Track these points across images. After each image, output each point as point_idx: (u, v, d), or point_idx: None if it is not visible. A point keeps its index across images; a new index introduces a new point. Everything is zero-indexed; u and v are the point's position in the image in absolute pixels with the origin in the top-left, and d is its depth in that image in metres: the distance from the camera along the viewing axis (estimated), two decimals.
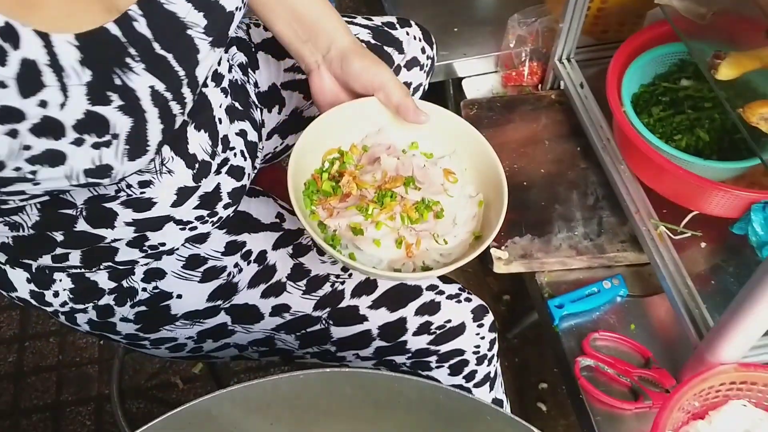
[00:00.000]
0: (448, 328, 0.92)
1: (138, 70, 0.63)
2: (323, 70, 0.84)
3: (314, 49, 0.84)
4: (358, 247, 0.77)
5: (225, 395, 0.61)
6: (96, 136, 0.62)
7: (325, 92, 0.84)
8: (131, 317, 0.90)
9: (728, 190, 0.97)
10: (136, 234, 0.81)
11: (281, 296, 0.91)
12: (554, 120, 1.30)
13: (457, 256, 0.79)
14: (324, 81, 0.84)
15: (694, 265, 1.04)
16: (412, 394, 0.62)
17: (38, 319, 1.67)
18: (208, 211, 0.85)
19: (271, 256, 0.92)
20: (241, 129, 0.88)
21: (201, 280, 0.90)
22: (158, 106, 0.65)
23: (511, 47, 1.35)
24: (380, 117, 0.85)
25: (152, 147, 0.67)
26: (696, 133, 1.08)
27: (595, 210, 1.16)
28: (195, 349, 0.95)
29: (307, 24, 0.84)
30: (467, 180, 0.86)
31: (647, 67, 1.15)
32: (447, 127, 0.85)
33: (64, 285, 0.86)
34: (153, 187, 0.77)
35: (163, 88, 0.66)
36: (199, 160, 0.80)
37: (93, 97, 0.61)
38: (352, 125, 0.85)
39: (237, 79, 0.92)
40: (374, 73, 0.80)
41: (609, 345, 1.06)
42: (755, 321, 0.84)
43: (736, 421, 0.92)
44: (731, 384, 0.92)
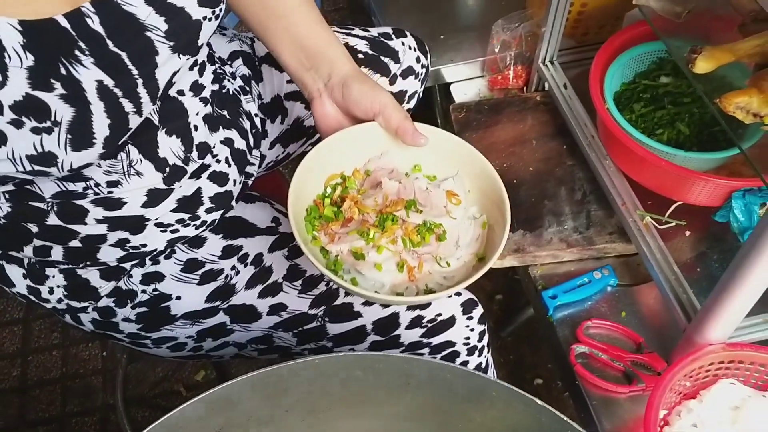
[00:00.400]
0: (439, 321, 0.96)
1: (86, 63, 0.65)
2: (325, 97, 0.85)
3: (316, 76, 0.85)
4: (359, 272, 0.78)
5: (245, 381, 0.64)
6: (35, 120, 0.63)
7: (327, 119, 0.85)
8: (132, 318, 0.93)
9: (710, 179, 1.02)
10: (110, 231, 0.83)
11: (278, 296, 0.94)
12: (540, 120, 1.34)
13: (460, 278, 0.79)
14: (326, 108, 0.85)
15: (680, 252, 1.08)
16: (422, 374, 0.66)
17: (40, 333, 1.70)
18: (188, 214, 0.87)
19: (268, 259, 0.95)
20: (226, 137, 0.91)
21: (199, 282, 0.93)
22: (104, 100, 0.66)
23: (496, 52, 1.40)
24: (382, 141, 0.85)
25: (98, 140, 0.68)
26: (676, 127, 1.13)
27: (583, 204, 1.21)
28: (195, 348, 0.98)
29: (311, 52, 0.85)
30: (471, 201, 0.86)
31: (627, 66, 1.20)
32: (449, 149, 0.86)
33: (57, 281, 0.88)
34: (121, 188, 0.79)
35: (112, 84, 0.67)
36: (170, 164, 0.82)
37: (34, 82, 0.62)
38: (355, 150, 0.86)
39: (229, 89, 0.95)
40: (373, 97, 0.82)
41: (602, 332, 1.10)
42: (739, 302, 0.88)
43: (725, 399, 0.96)
44: (720, 363, 0.96)
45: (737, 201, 1.03)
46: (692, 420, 0.94)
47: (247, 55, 1.06)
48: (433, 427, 0.75)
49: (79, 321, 0.94)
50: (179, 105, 0.83)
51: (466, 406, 0.68)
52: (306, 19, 0.86)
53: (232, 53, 1.04)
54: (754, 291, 0.85)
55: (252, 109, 1.01)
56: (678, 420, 0.95)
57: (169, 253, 0.92)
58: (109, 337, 0.97)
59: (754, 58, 0.88)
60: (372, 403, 0.73)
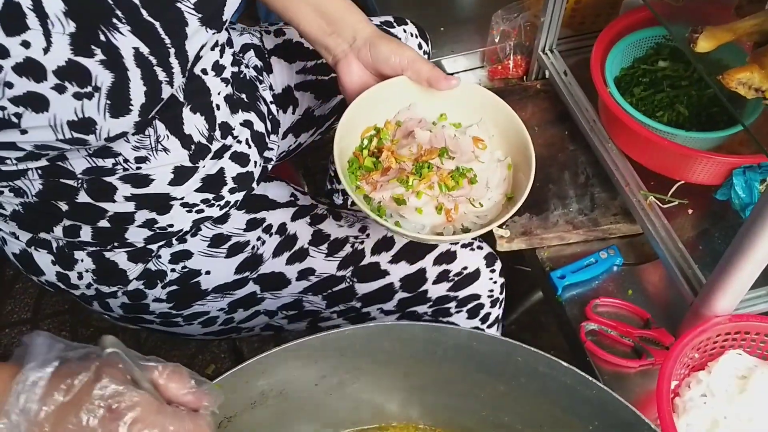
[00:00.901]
0: (465, 274, 0.99)
1: (123, 30, 0.67)
2: (351, 58, 0.90)
3: (340, 40, 0.90)
4: (402, 216, 0.84)
5: (279, 352, 0.66)
6: (77, 85, 0.66)
7: (353, 78, 0.90)
8: (163, 297, 0.95)
9: (711, 157, 1.05)
10: (137, 210, 0.85)
11: (305, 261, 0.97)
12: (541, 108, 1.37)
13: (493, 217, 0.87)
14: (352, 68, 0.90)
15: (684, 230, 1.11)
16: (449, 342, 0.68)
17: None
18: (213, 194, 0.90)
19: (291, 227, 0.98)
20: (245, 119, 0.94)
21: (227, 255, 0.95)
22: (141, 67, 0.69)
23: (495, 42, 1.43)
24: (410, 94, 0.92)
25: (135, 108, 0.70)
26: (676, 109, 1.16)
27: (586, 187, 1.24)
28: (226, 321, 1.00)
29: (332, 18, 0.90)
30: (495, 145, 0.93)
31: (626, 52, 1.23)
32: (472, 97, 0.93)
33: (86, 265, 0.90)
34: (149, 164, 0.81)
35: (148, 51, 0.70)
36: (195, 142, 0.85)
37: (76, 48, 0.65)
38: (385, 103, 0.92)
39: (246, 74, 0.98)
40: (401, 53, 0.87)
41: (610, 310, 1.12)
42: (743, 275, 0.91)
43: (733, 369, 0.98)
44: (726, 335, 0.99)
45: (738, 178, 1.06)
46: (701, 390, 0.97)
47: (258, 48, 1.08)
48: (458, 398, 0.78)
49: (107, 307, 0.95)
50: (202, 83, 0.85)
51: (491, 374, 0.71)
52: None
53: (244, 45, 1.07)
54: (757, 264, 0.88)
55: (267, 97, 1.03)
56: (688, 391, 0.98)
57: (195, 231, 0.94)
58: (137, 321, 0.99)
59: (752, 37, 0.91)
60: (398, 375, 0.75)
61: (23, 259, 0.91)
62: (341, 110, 1.19)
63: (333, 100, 1.15)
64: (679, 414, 0.95)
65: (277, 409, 0.72)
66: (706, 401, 0.96)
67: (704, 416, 0.94)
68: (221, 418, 0.69)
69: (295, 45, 1.12)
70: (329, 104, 1.15)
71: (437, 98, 0.91)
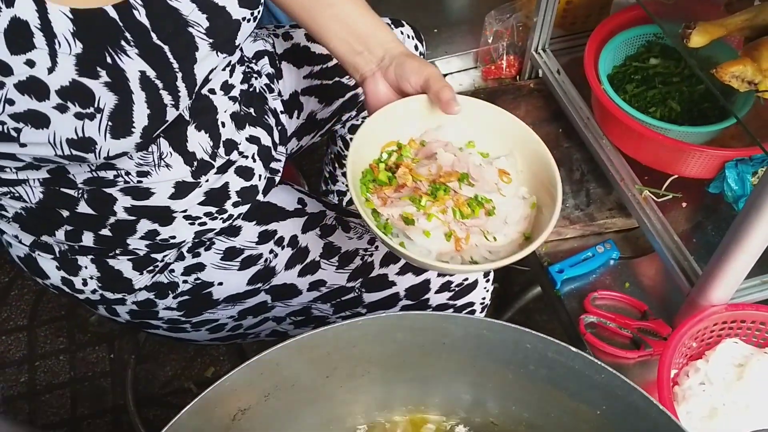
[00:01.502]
0: (465, 285, 1.01)
1: (131, 53, 0.68)
2: (378, 76, 0.87)
3: (370, 57, 0.87)
4: (408, 237, 0.79)
5: (293, 344, 0.67)
6: (79, 106, 0.66)
7: (379, 97, 0.87)
8: (174, 306, 0.96)
9: (705, 150, 1.07)
10: (138, 221, 0.85)
11: (317, 273, 0.98)
12: (535, 106, 1.39)
13: (505, 254, 0.80)
14: (378, 86, 0.87)
15: (678, 223, 1.14)
16: (458, 331, 0.69)
17: (46, 339, 1.70)
18: (216, 208, 0.91)
19: (302, 239, 0.99)
20: (252, 135, 0.95)
21: (240, 268, 0.96)
22: (146, 90, 0.69)
23: (489, 43, 1.45)
24: (437, 114, 0.86)
25: (137, 130, 0.70)
26: (668, 105, 1.18)
27: (582, 183, 1.26)
28: (234, 327, 1.01)
29: (362, 36, 0.88)
30: (522, 181, 0.87)
31: (618, 50, 1.26)
32: (505, 128, 0.87)
33: (90, 272, 0.91)
34: (150, 178, 0.82)
35: (154, 75, 0.70)
36: (198, 159, 0.85)
37: (81, 69, 0.65)
38: (410, 120, 0.88)
39: (256, 88, 0.99)
40: (421, 71, 0.84)
41: (608, 303, 1.14)
42: (739, 265, 0.93)
43: (730, 357, 1.01)
44: (723, 324, 1.01)
45: (730, 171, 1.09)
46: (700, 379, 0.99)
47: (271, 54, 1.09)
48: (465, 387, 0.79)
49: (114, 312, 0.96)
50: (209, 102, 0.86)
51: (500, 361, 0.72)
52: (355, 5, 0.89)
53: (257, 53, 1.08)
54: (752, 254, 0.90)
55: (278, 107, 1.04)
56: (686, 380, 1.00)
57: (209, 245, 0.95)
58: (143, 326, 1.00)
59: (743, 32, 0.93)
60: (407, 366, 0.76)
61: (28, 263, 0.92)
62: (342, 113, 1.21)
63: (335, 104, 1.17)
64: (678, 402, 0.97)
65: (289, 401, 0.73)
66: (705, 389, 0.98)
67: (703, 404, 0.96)
68: (235, 411, 0.70)
69: (302, 49, 1.13)
70: (331, 107, 1.17)
71: (467, 123, 0.86)
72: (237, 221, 0.97)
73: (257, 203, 0.98)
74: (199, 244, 0.96)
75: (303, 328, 1.06)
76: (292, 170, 1.23)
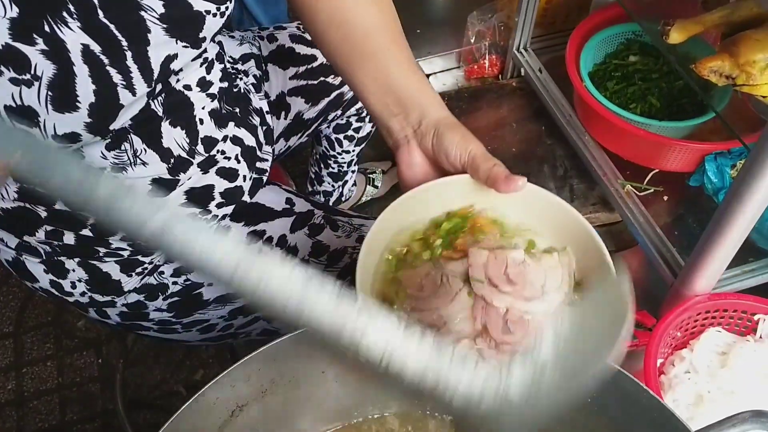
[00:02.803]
0: None
1: (73, 26, 0.65)
2: (413, 145, 0.74)
3: (405, 122, 0.75)
4: None
5: (289, 339, 0.68)
6: (14, 71, 0.64)
7: (414, 168, 0.75)
8: (164, 307, 0.96)
9: (685, 144, 1.10)
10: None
11: None
12: (517, 105, 1.42)
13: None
14: (413, 157, 0.74)
15: (660, 216, 1.16)
16: None
17: (33, 345, 1.69)
18: (200, 208, 0.90)
19: (291, 239, 0.99)
20: (235, 135, 0.94)
21: None
22: (89, 65, 0.66)
23: (471, 43, 1.47)
24: (474, 197, 0.71)
25: (83, 105, 0.67)
26: (648, 101, 1.21)
27: (565, 179, 1.28)
28: (225, 327, 1.01)
29: (401, 97, 0.75)
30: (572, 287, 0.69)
31: (598, 48, 1.28)
32: (557, 216, 0.70)
33: (78, 275, 0.90)
34: (125, 174, 0.80)
35: (99, 50, 0.67)
36: (174, 156, 0.83)
37: (15, 33, 0.63)
38: (441, 204, 0.72)
39: (240, 88, 0.99)
40: (464, 147, 0.70)
41: None
42: (720, 255, 0.96)
43: (713, 346, 1.03)
44: (706, 313, 1.04)
45: (710, 164, 1.11)
46: (685, 367, 1.02)
47: (257, 57, 1.10)
48: None
49: (104, 315, 0.96)
50: (185, 98, 0.85)
51: None
52: (397, 60, 0.76)
53: (244, 56, 1.08)
54: (733, 244, 0.93)
55: (264, 107, 1.05)
56: (672, 369, 1.02)
57: None
58: (133, 329, 1.00)
59: (720, 28, 0.96)
60: None
61: (16, 266, 0.92)
62: (327, 112, 1.22)
63: (321, 103, 1.17)
64: (665, 391, 0.99)
65: (286, 396, 0.74)
66: (690, 377, 1.00)
67: (689, 392, 0.99)
68: (233, 407, 0.71)
69: (287, 50, 1.13)
70: (317, 107, 1.17)
71: (515, 211, 0.70)
72: (225, 222, 0.97)
73: (243, 204, 0.98)
74: None
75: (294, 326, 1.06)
76: (280, 171, 1.24)
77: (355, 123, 1.36)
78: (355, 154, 1.47)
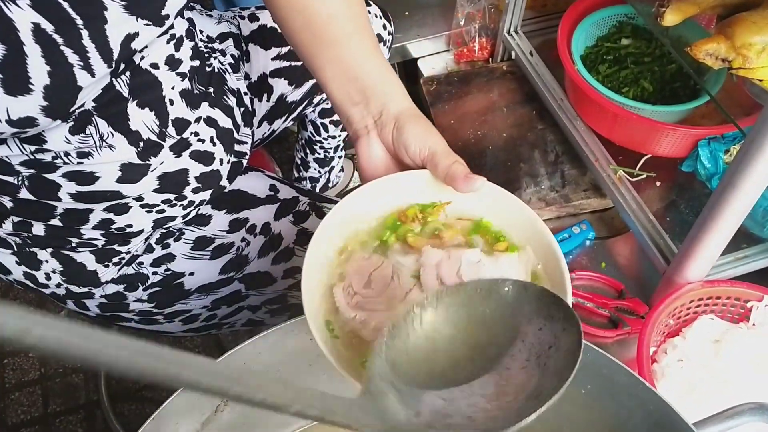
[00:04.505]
0: None
1: (21, 3, 0.62)
2: (372, 136, 0.72)
3: (365, 112, 0.73)
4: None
5: (275, 333, 0.66)
6: None
7: (373, 161, 0.73)
8: (145, 298, 0.94)
9: (678, 129, 1.08)
10: (88, 207, 0.81)
11: (291, 260, 0.96)
12: (508, 88, 1.39)
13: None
14: (372, 148, 0.72)
15: (653, 202, 1.14)
16: None
17: None
18: (174, 194, 0.87)
19: (275, 226, 0.97)
20: (209, 116, 0.90)
21: (211, 257, 0.94)
22: (41, 44, 0.63)
23: (461, 25, 1.44)
24: (432, 193, 0.70)
25: (36, 88, 0.64)
26: (641, 85, 1.19)
27: (556, 165, 1.26)
28: (209, 318, 0.99)
29: (363, 85, 0.73)
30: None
31: (590, 31, 1.26)
32: (518, 221, 0.68)
33: (52, 266, 0.88)
34: (92, 159, 0.77)
35: (52, 29, 0.64)
36: (144, 138, 0.80)
37: None
38: (398, 201, 0.70)
39: (214, 68, 0.96)
40: (423, 141, 0.69)
41: (585, 283, 1.15)
42: (714, 242, 0.94)
43: (706, 334, 1.02)
44: (699, 300, 1.02)
45: (703, 149, 1.10)
46: (677, 356, 1.00)
47: (236, 36, 1.07)
48: None
49: (83, 306, 0.93)
50: (152, 78, 0.81)
51: None
52: (360, 48, 0.74)
53: (221, 35, 1.05)
54: (727, 231, 0.91)
55: (242, 88, 1.02)
56: (664, 357, 1.01)
57: (179, 235, 0.93)
58: (114, 320, 0.97)
59: (716, 10, 0.94)
60: None
61: None
62: (312, 95, 1.19)
63: (305, 85, 1.15)
64: (657, 379, 0.98)
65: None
66: (683, 366, 0.99)
67: (682, 380, 0.97)
68: (218, 401, 0.69)
69: (269, 30, 1.11)
70: (301, 89, 1.15)
71: (475, 210, 0.69)
72: (206, 210, 0.95)
73: (222, 189, 0.95)
74: (168, 234, 0.93)
75: (279, 317, 1.04)
76: (265, 156, 1.21)
77: None
78: (341, 139, 1.45)
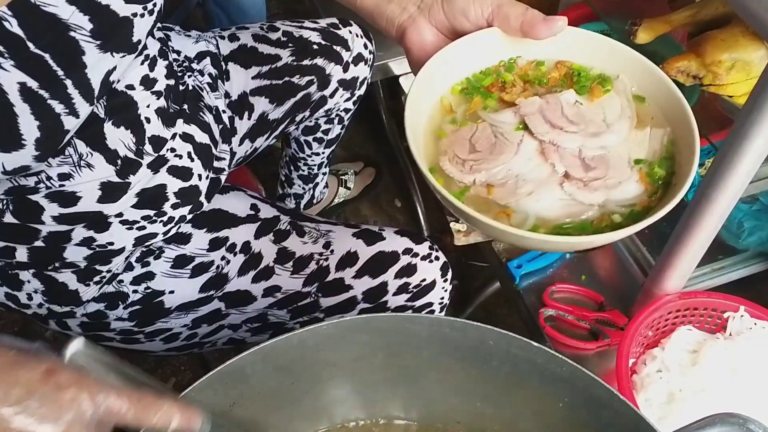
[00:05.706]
0: (423, 285, 1.01)
1: (6, 66, 0.63)
2: (420, 21, 0.69)
3: (406, 2, 0.70)
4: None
5: (258, 352, 0.67)
6: None
7: (426, 48, 0.69)
8: (125, 316, 0.94)
9: None
10: (71, 228, 0.82)
11: (271, 279, 0.97)
12: None
13: (641, 203, 0.65)
14: (424, 35, 0.69)
15: None
16: (423, 332, 0.70)
17: None
18: (153, 210, 0.88)
19: (255, 245, 0.98)
20: (185, 132, 0.92)
21: (191, 276, 0.95)
22: (29, 103, 0.65)
23: None
24: (508, 48, 0.70)
25: (28, 142, 0.66)
26: None
27: None
28: (189, 337, 1.00)
29: None
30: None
31: None
32: (606, 53, 0.69)
33: (34, 286, 0.88)
34: (73, 180, 0.79)
35: (37, 86, 0.65)
36: (121, 156, 0.82)
37: None
38: (473, 63, 0.70)
39: (188, 85, 0.97)
40: (482, 1, 0.67)
41: (566, 296, 1.17)
42: (690, 254, 0.96)
43: (684, 344, 1.04)
44: (677, 312, 1.04)
45: None
46: (657, 366, 1.02)
47: (214, 55, 1.08)
48: (430, 386, 0.80)
49: (65, 326, 0.94)
50: (128, 98, 0.82)
51: (465, 359, 0.73)
52: None
53: (199, 54, 1.06)
54: (702, 243, 0.93)
55: (220, 105, 1.03)
56: (644, 368, 1.02)
57: (159, 253, 0.93)
58: (96, 340, 0.97)
59: (687, 27, 0.97)
60: (370, 369, 0.77)
61: None
62: (295, 113, 1.20)
63: (286, 104, 1.16)
64: (637, 390, 0.99)
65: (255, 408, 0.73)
66: (662, 376, 1.00)
67: (661, 390, 0.99)
68: None
69: (249, 50, 1.12)
70: (283, 107, 1.16)
71: (549, 52, 0.68)
72: (186, 228, 0.95)
73: (201, 206, 0.96)
74: (148, 253, 0.94)
75: (260, 335, 1.05)
76: (248, 174, 1.22)
77: (324, 125, 1.35)
78: (325, 156, 1.46)
